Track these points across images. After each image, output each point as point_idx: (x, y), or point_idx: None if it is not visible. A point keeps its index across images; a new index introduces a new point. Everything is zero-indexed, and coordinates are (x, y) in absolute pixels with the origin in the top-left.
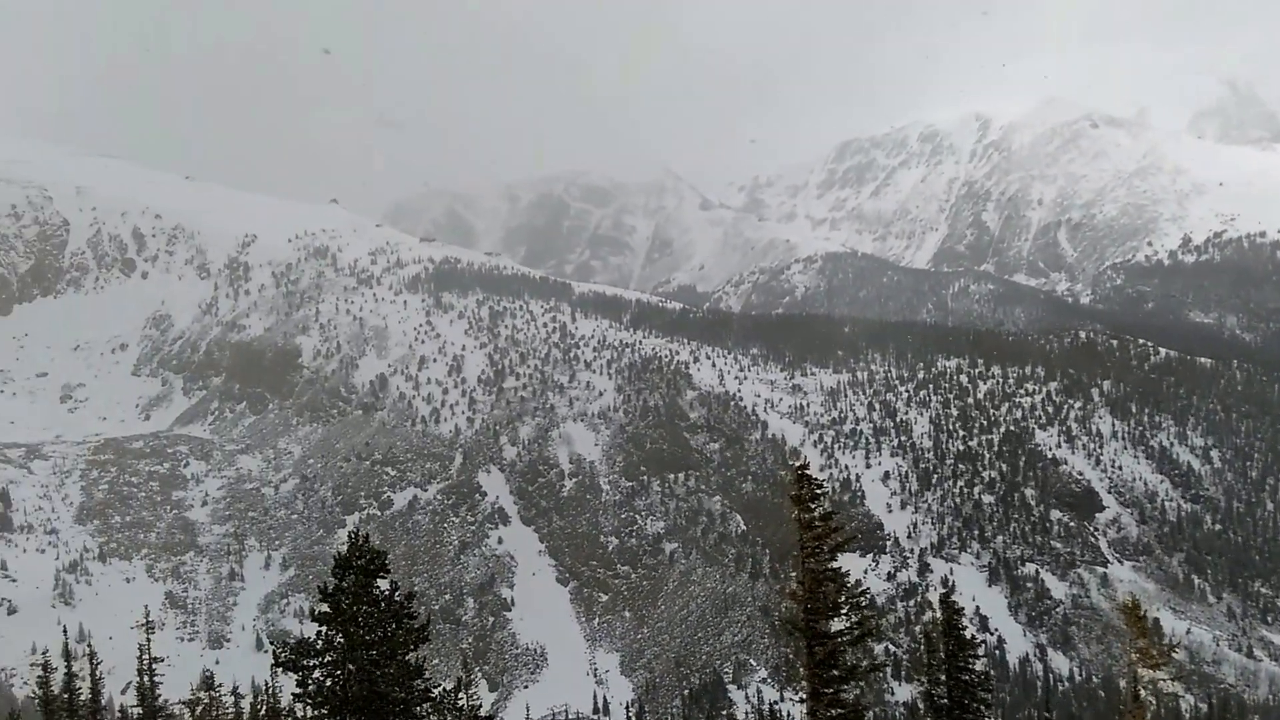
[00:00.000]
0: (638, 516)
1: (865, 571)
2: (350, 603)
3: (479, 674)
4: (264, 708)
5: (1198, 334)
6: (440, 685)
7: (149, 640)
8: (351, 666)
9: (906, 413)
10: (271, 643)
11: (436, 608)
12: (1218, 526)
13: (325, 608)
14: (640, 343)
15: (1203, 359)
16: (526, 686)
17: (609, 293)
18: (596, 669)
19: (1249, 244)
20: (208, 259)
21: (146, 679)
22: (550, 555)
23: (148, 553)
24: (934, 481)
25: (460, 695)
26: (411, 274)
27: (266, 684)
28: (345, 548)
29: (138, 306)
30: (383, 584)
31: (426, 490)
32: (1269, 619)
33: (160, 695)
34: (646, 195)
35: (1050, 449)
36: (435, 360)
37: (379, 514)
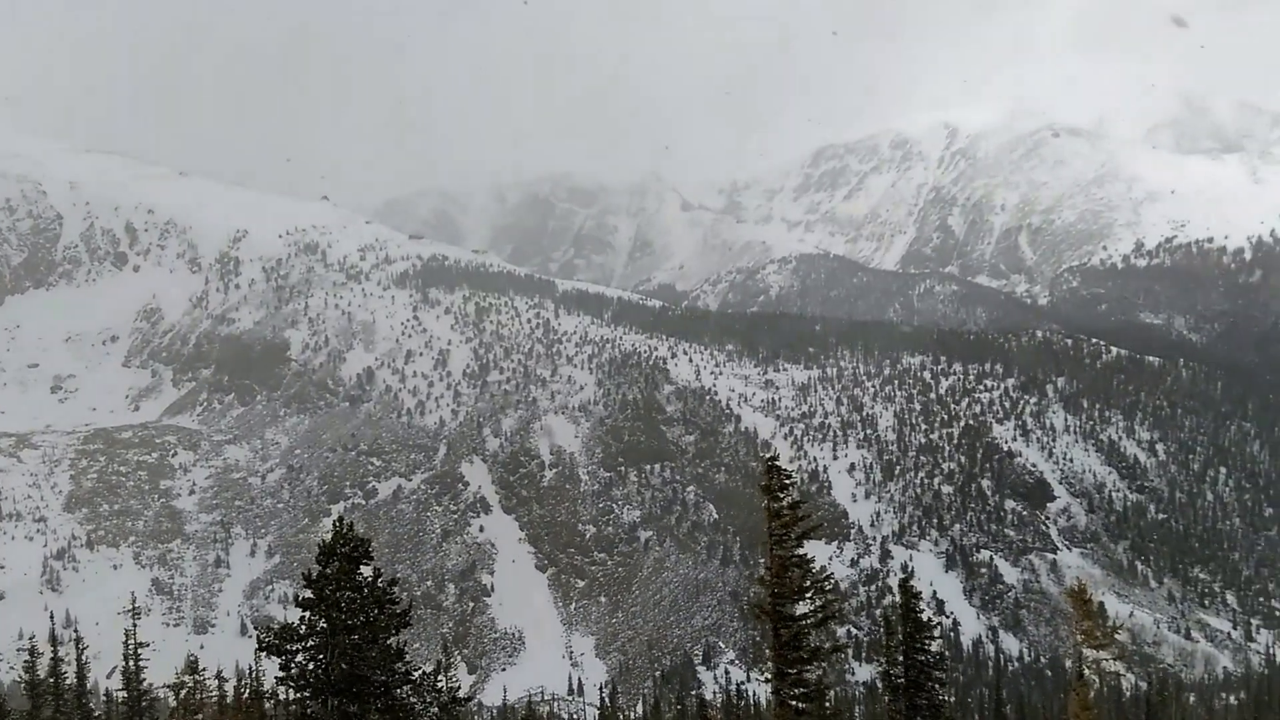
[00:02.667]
0: (615, 506)
1: (830, 558)
2: (333, 589)
3: (458, 657)
4: (247, 691)
5: (1147, 334)
6: (420, 669)
7: (135, 625)
8: (334, 651)
9: (872, 407)
10: (256, 628)
11: (418, 594)
12: (1161, 516)
13: (309, 593)
14: (620, 339)
15: (1151, 358)
16: (504, 669)
17: (591, 290)
18: (572, 652)
19: (1198, 249)
20: (199, 253)
21: (132, 663)
22: (530, 543)
23: (135, 540)
24: (897, 473)
25: (440, 678)
26: (400, 270)
27: (251, 668)
28: (329, 535)
29: (129, 299)
30: (365, 570)
31: (410, 480)
32: (1206, 603)
33: (145, 679)
34: (629, 197)
35: (1006, 442)
36: (421, 354)
37: (364, 503)
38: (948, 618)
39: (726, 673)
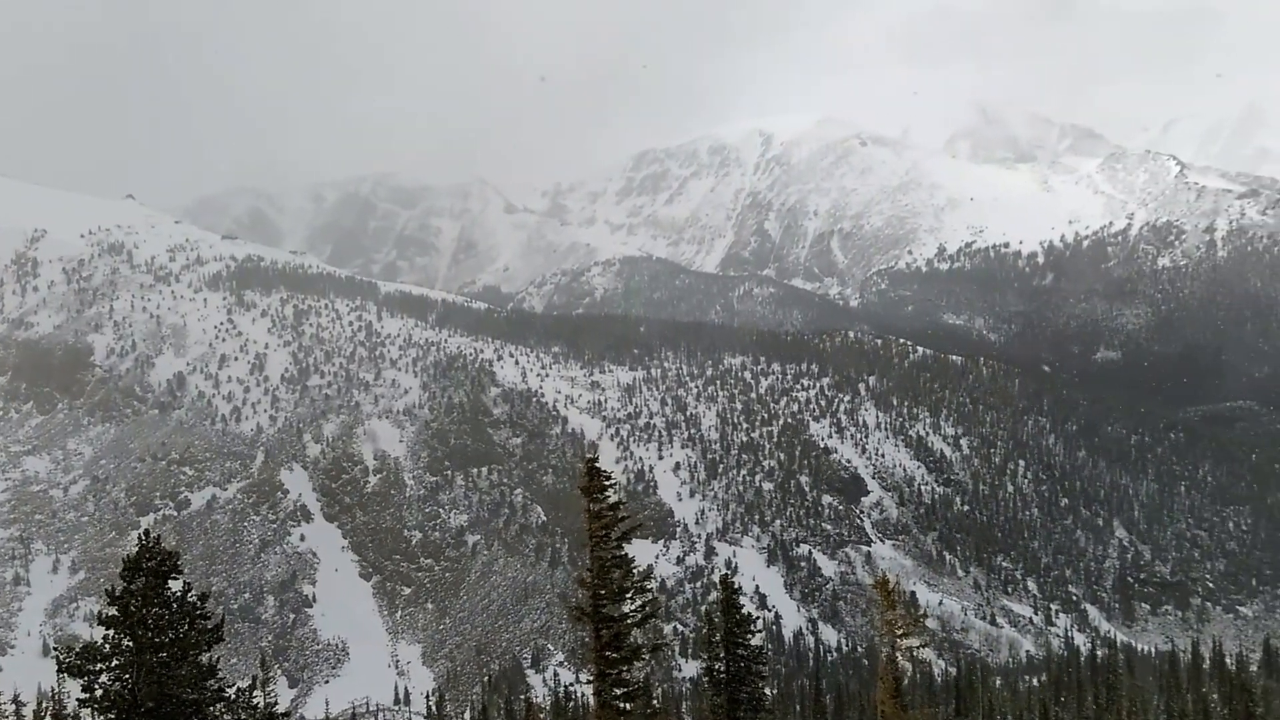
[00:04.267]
0: (441, 510)
1: (656, 556)
2: (140, 605)
3: (278, 671)
4: (48, 715)
5: (950, 334)
6: (236, 684)
7: None
8: (141, 670)
9: (696, 407)
10: (56, 648)
11: (235, 607)
12: (966, 507)
13: (113, 611)
14: (445, 341)
15: (954, 357)
16: (328, 681)
17: (415, 292)
18: (398, 661)
19: (995, 253)
20: None
21: None
22: (353, 551)
23: None
24: (720, 471)
25: (257, 693)
26: (212, 272)
27: (52, 690)
28: (135, 549)
29: None
30: (175, 585)
31: (226, 489)
32: (1009, 590)
33: None
34: (453, 198)
35: (823, 439)
36: (236, 359)
37: (175, 514)
38: (770, 611)
39: (556, 675)
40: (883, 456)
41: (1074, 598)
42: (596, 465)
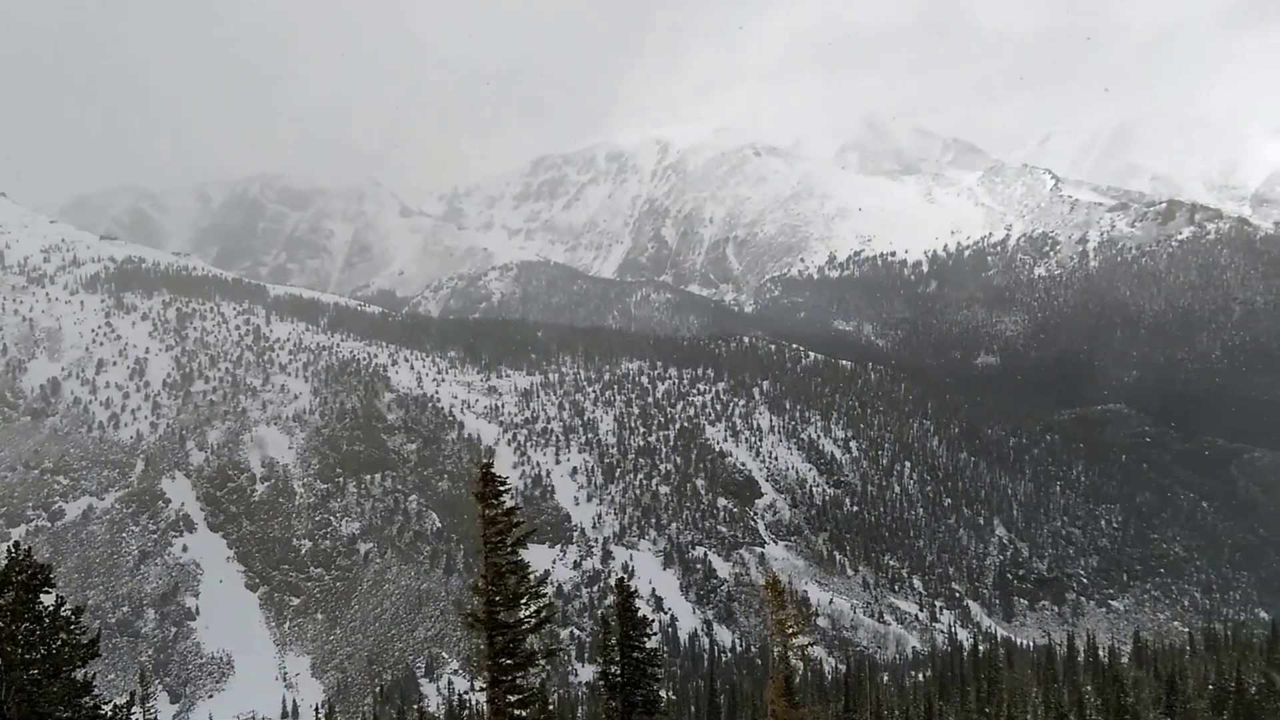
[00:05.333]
0: (332, 518)
1: (554, 561)
2: (8, 621)
3: (159, 686)
4: None
5: (841, 340)
6: (112, 701)
7: None
8: (10, 688)
9: (593, 411)
10: None
11: (113, 621)
12: (855, 508)
13: None
14: (338, 346)
15: (844, 361)
16: (211, 695)
17: (306, 296)
18: (286, 673)
19: (882, 262)
20: None
21: None
22: (239, 561)
23: None
24: (617, 475)
25: (135, 709)
26: (90, 273)
27: None
28: (4, 563)
29: None
30: (47, 599)
31: (103, 499)
32: (896, 588)
33: None
34: (346, 200)
35: (718, 443)
36: (115, 363)
37: (49, 525)
38: (666, 614)
39: (450, 683)
40: (776, 459)
41: (957, 594)
42: (491, 470)
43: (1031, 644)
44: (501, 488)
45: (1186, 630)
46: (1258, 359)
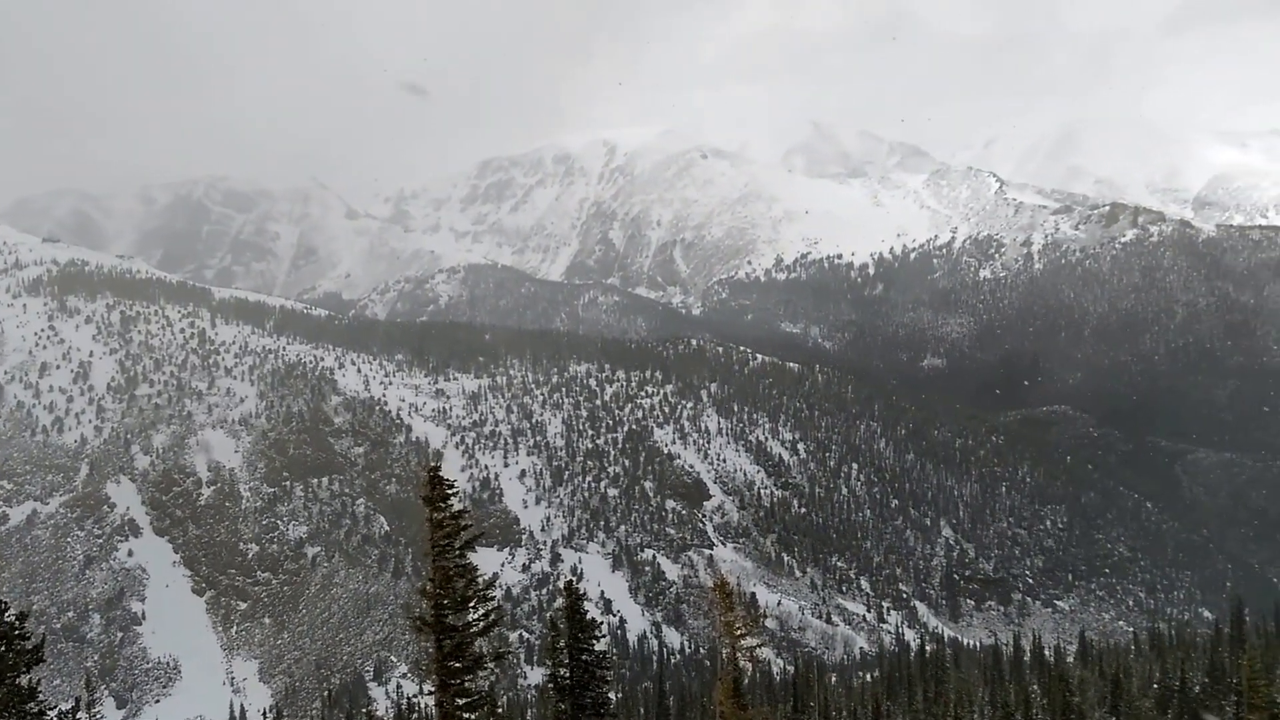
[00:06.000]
0: (279, 522)
1: (502, 564)
2: None
3: (105, 692)
4: None
5: (788, 342)
6: (57, 707)
7: None
8: None
9: (542, 414)
10: None
11: (58, 626)
12: (803, 510)
13: None
14: (284, 349)
15: (791, 364)
16: (158, 700)
17: (251, 299)
18: (234, 678)
19: (829, 264)
20: None
21: None
22: (186, 566)
23: None
24: (566, 478)
25: (81, 715)
26: (33, 276)
27: None
28: None
29: None
30: None
31: (47, 504)
32: (844, 589)
33: None
34: (291, 202)
35: (666, 445)
36: (59, 367)
37: None
38: (615, 616)
39: (399, 687)
40: (724, 461)
41: (904, 595)
42: (439, 473)
43: (978, 644)
44: (449, 491)
45: (1131, 630)
46: (1200, 360)
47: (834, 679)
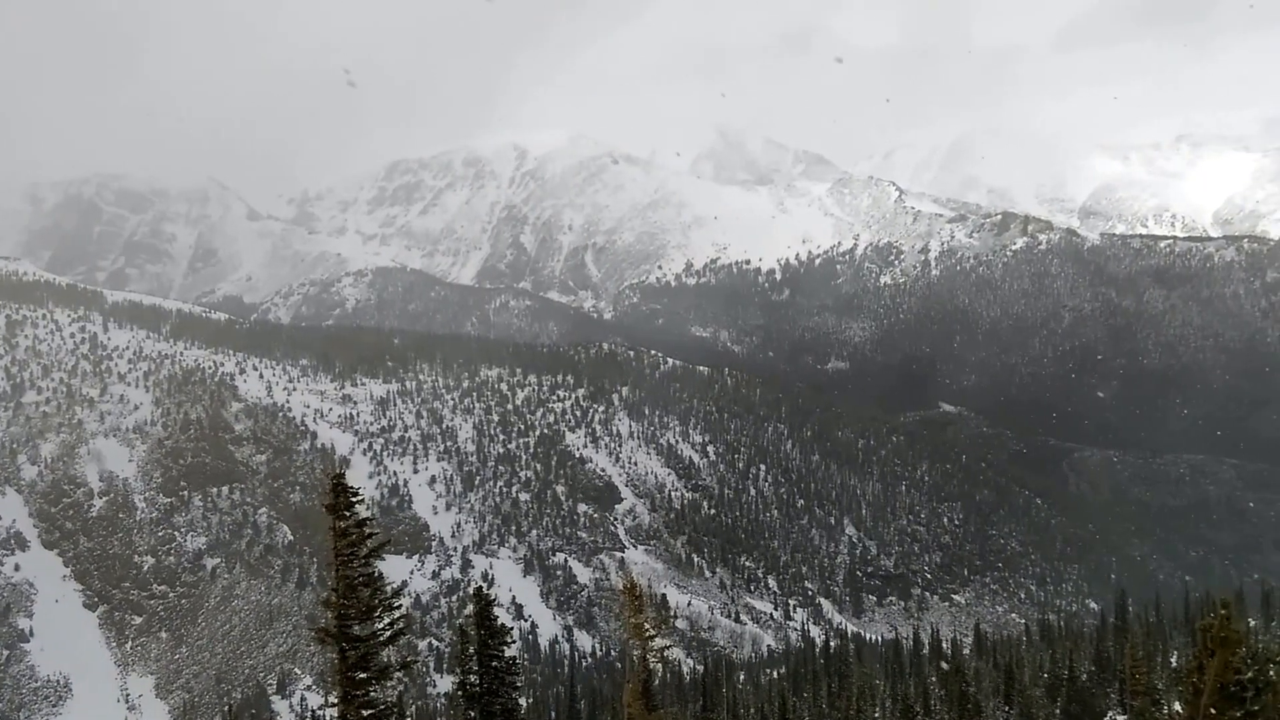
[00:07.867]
0: (177, 533)
1: (411, 572)
2: None
3: None
4: None
5: (698, 346)
6: None
7: None
8: None
9: (452, 419)
10: None
11: None
12: (713, 511)
13: None
14: (182, 354)
15: (701, 367)
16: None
17: (146, 302)
18: (129, 695)
19: (737, 269)
20: None
21: None
22: (77, 580)
23: None
24: (477, 483)
25: None
26: None
27: None
28: None
29: None
30: None
31: None
32: (752, 588)
33: None
34: (189, 203)
35: (578, 449)
36: None
37: None
38: (526, 621)
39: (303, 699)
40: (635, 464)
41: (810, 592)
42: (342, 481)
43: (880, 639)
44: (354, 498)
45: (1023, 622)
46: (1086, 363)
47: (742, 677)
